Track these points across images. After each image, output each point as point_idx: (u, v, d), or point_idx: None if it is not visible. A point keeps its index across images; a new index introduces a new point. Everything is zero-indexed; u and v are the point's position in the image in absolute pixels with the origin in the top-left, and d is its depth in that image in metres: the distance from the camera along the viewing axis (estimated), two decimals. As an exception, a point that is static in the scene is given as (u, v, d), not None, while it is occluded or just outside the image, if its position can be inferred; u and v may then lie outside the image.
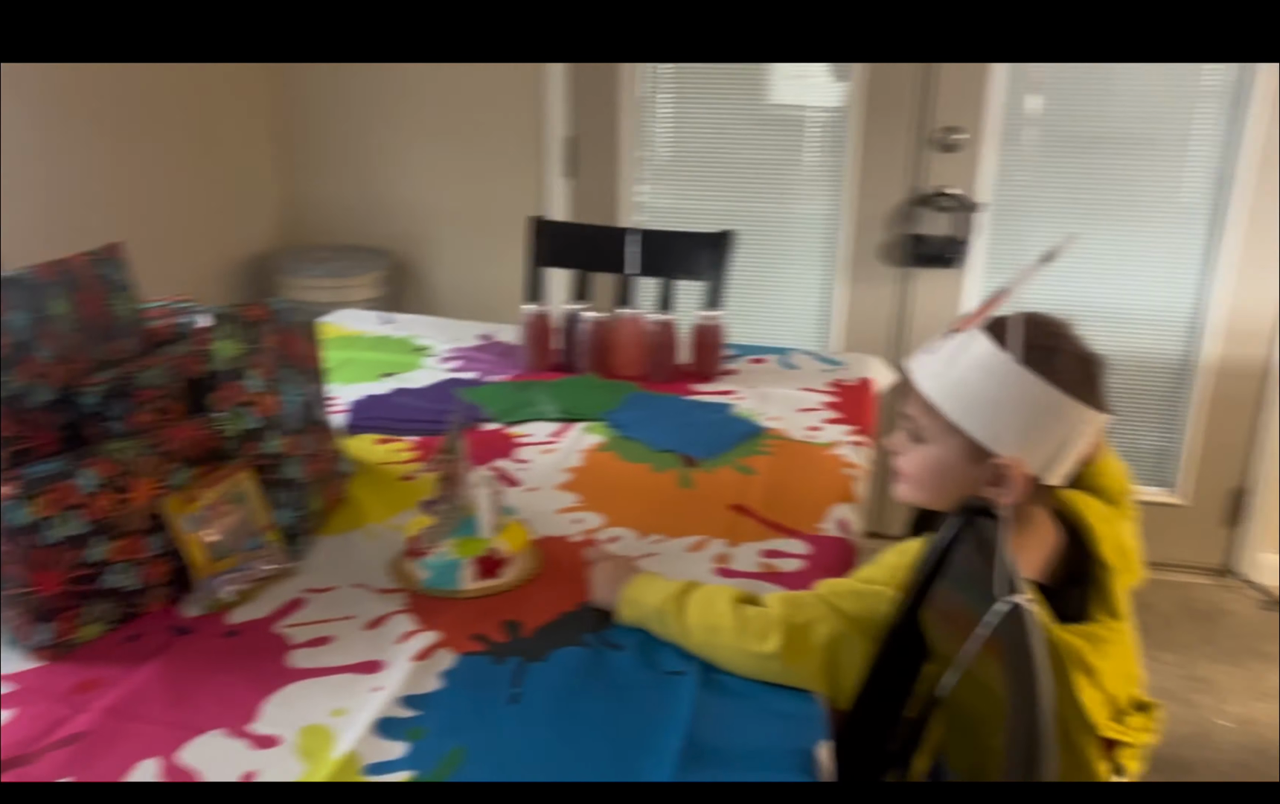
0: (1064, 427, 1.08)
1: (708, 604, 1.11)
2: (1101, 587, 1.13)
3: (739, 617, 1.08)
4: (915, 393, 1.13)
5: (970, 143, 2.82)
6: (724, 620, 1.09)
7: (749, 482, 1.53)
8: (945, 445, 1.11)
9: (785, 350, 2.12)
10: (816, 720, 1.02)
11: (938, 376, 1.10)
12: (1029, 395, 1.06)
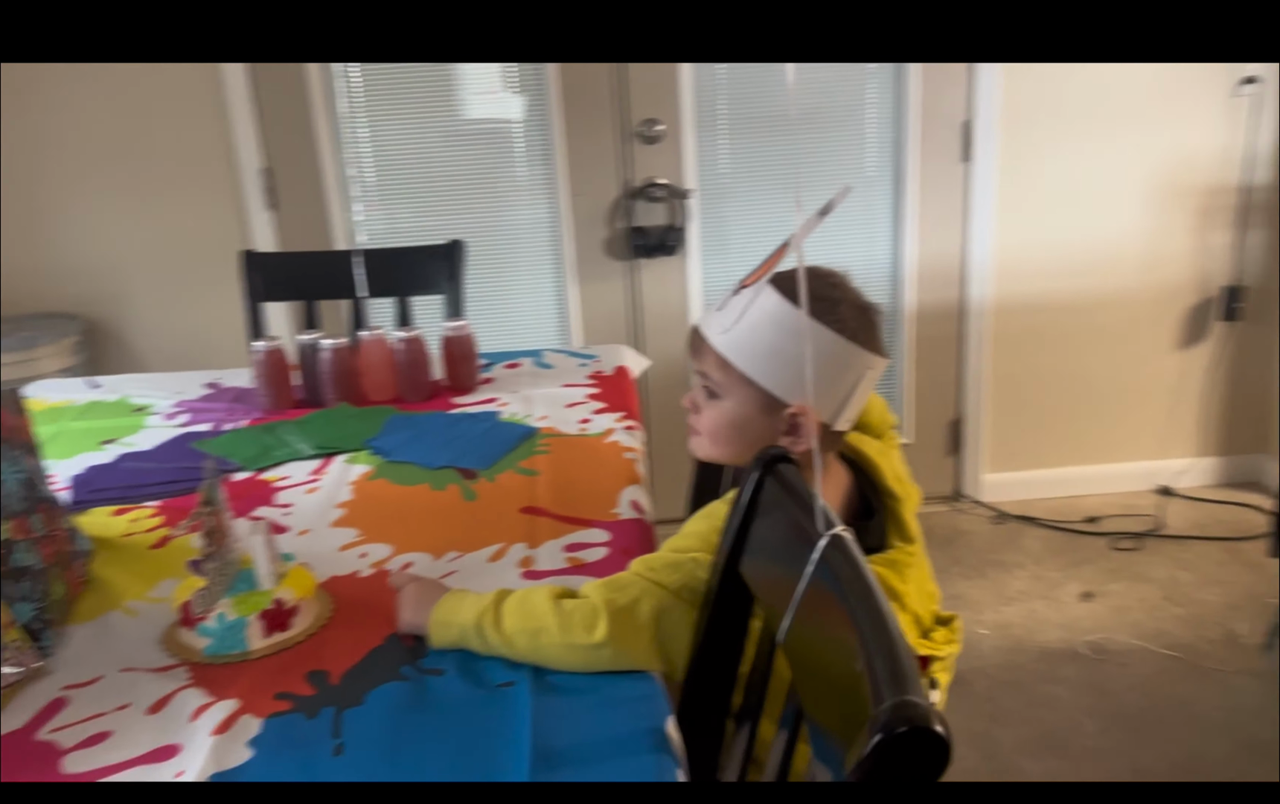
0: (851, 373, 1.12)
1: (525, 608, 1.06)
2: (894, 515, 1.18)
3: (560, 613, 1.04)
4: (708, 350, 1.14)
5: (670, 133, 2.91)
6: (546, 620, 1.04)
7: (534, 483, 1.49)
8: (739, 399, 1.13)
9: (537, 352, 2.10)
10: (658, 698, 1.00)
11: (728, 332, 1.11)
12: (817, 345, 1.09)
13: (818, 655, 0.82)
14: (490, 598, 1.08)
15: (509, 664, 1.05)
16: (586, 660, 1.03)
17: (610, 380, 1.92)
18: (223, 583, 1.11)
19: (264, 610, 1.10)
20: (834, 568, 0.81)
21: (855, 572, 0.79)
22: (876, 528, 1.17)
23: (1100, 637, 2.54)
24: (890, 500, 1.18)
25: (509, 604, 1.07)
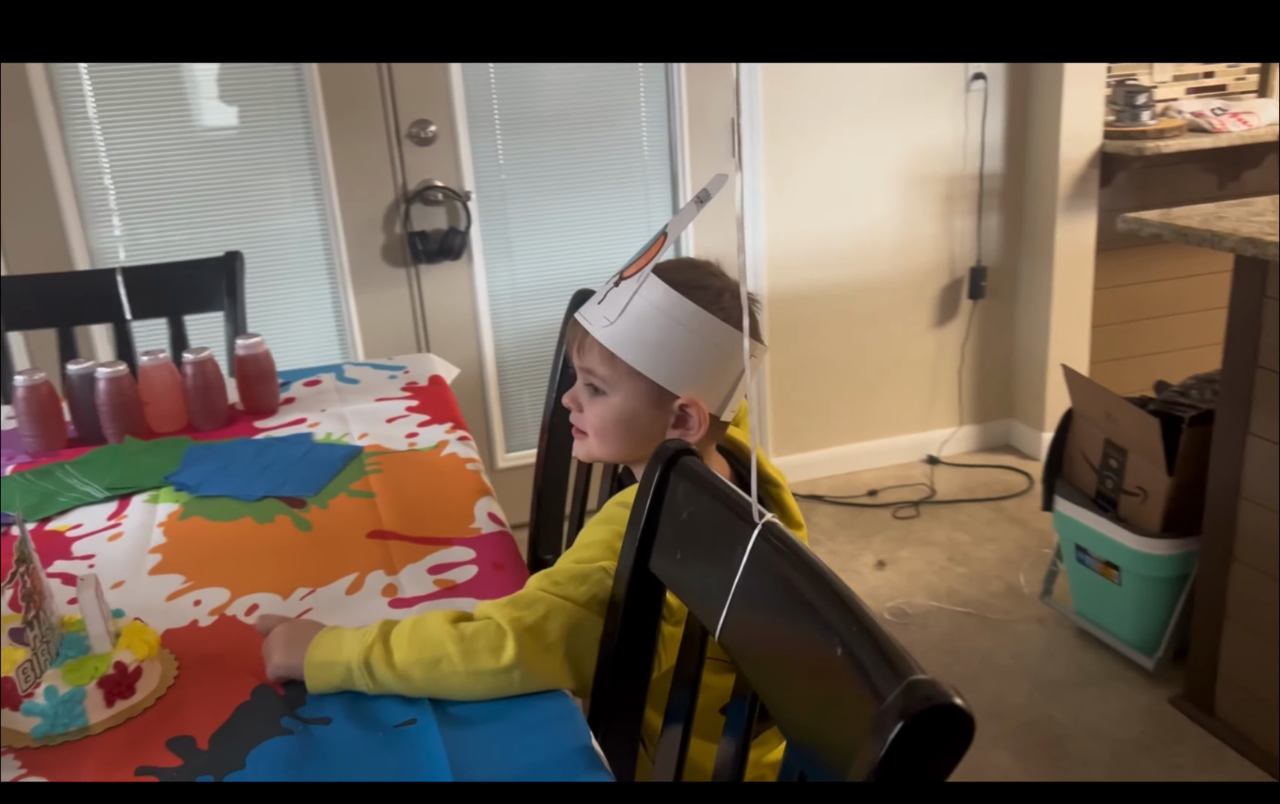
0: (736, 362, 1.08)
1: (419, 636, 0.95)
2: (777, 501, 1.17)
3: (461, 638, 0.95)
4: (591, 345, 1.08)
5: (444, 134, 2.81)
6: (445, 647, 0.94)
7: (373, 505, 1.38)
8: (626, 393, 1.08)
9: (338, 367, 1.96)
10: (575, 715, 0.93)
11: (613, 325, 1.06)
12: (704, 334, 1.06)
13: (772, 647, 0.78)
14: (374, 631, 0.97)
15: (403, 700, 0.95)
16: (494, 686, 0.94)
17: (428, 391, 1.82)
18: (47, 652, 0.94)
19: (103, 677, 0.94)
20: (774, 555, 0.78)
21: (797, 556, 0.77)
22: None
23: (900, 602, 2.67)
24: (772, 487, 1.16)
25: (398, 635, 0.96)
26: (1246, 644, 2.05)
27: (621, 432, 1.10)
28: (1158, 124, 3.25)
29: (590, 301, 1.11)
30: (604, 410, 1.10)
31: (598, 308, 1.09)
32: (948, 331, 3.46)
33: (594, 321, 1.08)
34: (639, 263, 1.08)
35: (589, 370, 1.10)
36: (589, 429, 1.12)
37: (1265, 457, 1.95)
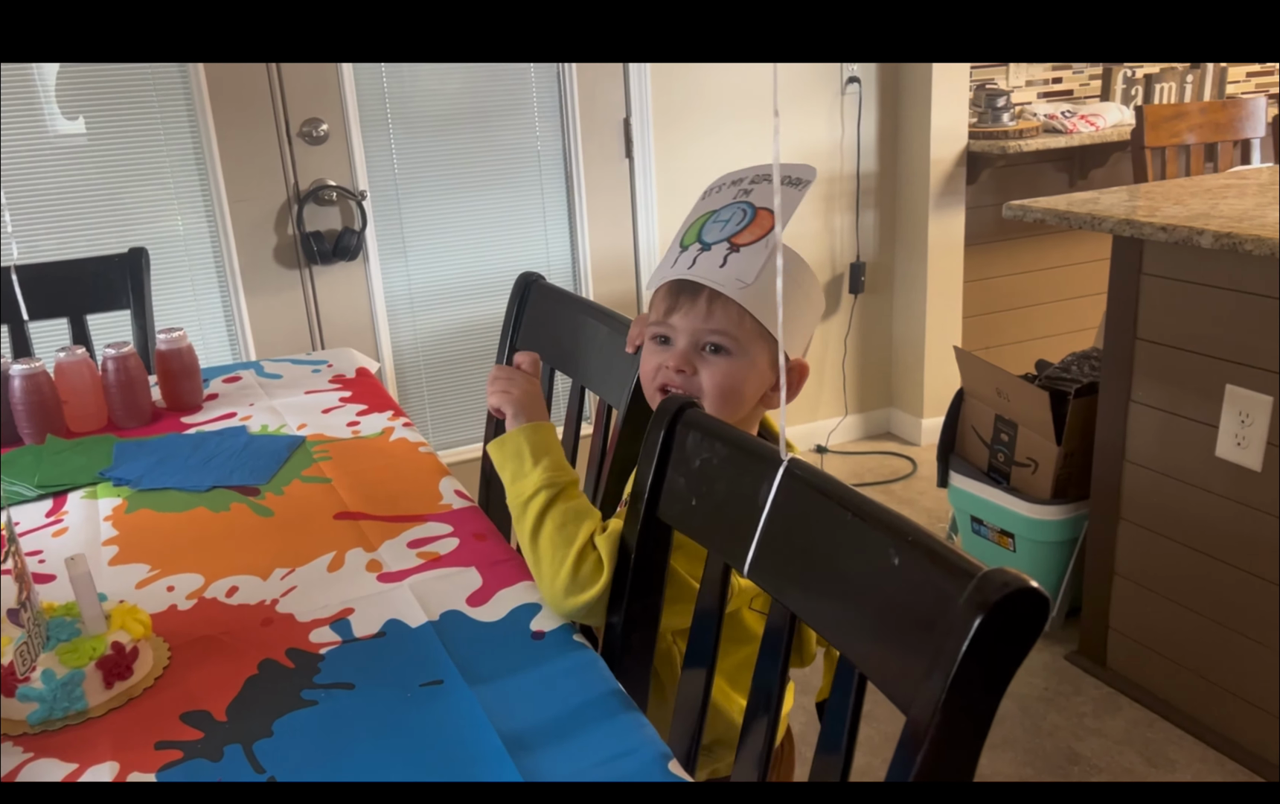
0: (818, 322, 1.17)
1: (561, 536, 1.04)
2: None
3: (575, 566, 1.02)
4: (722, 306, 1.06)
5: (336, 133, 2.76)
6: (559, 568, 1.02)
7: (332, 490, 1.35)
8: (753, 353, 1.08)
9: (257, 363, 1.90)
10: (598, 663, 0.95)
11: (748, 288, 1.04)
12: (817, 301, 1.13)
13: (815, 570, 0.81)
14: (551, 487, 1.06)
15: (431, 662, 0.95)
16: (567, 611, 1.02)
17: (357, 383, 1.79)
18: (39, 635, 0.90)
19: (102, 658, 0.90)
20: (800, 486, 0.82)
21: (832, 482, 0.81)
22: None
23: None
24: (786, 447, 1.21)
25: (555, 516, 1.05)
26: (1134, 598, 2.21)
27: (741, 391, 1.09)
28: (1017, 125, 3.46)
29: (694, 267, 1.07)
30: (728, 369, 1.08)
31: (721, 271, 1.06)
32: (831, 325, 3.59)
33: (725, 283, 1.05)
34: (750, 232, 1.07)
35: (717, 330, 1.07)
36: (706, 391, 1.08)
37: (1147, 421, 2.11)
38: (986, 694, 0.65)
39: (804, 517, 0.82)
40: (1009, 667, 0.65)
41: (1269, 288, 1.85)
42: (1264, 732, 1.98)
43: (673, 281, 1.09)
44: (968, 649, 0.64)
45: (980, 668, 0.64)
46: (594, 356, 1.42)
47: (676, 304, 1.09)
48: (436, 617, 1.03)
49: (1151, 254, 2.06)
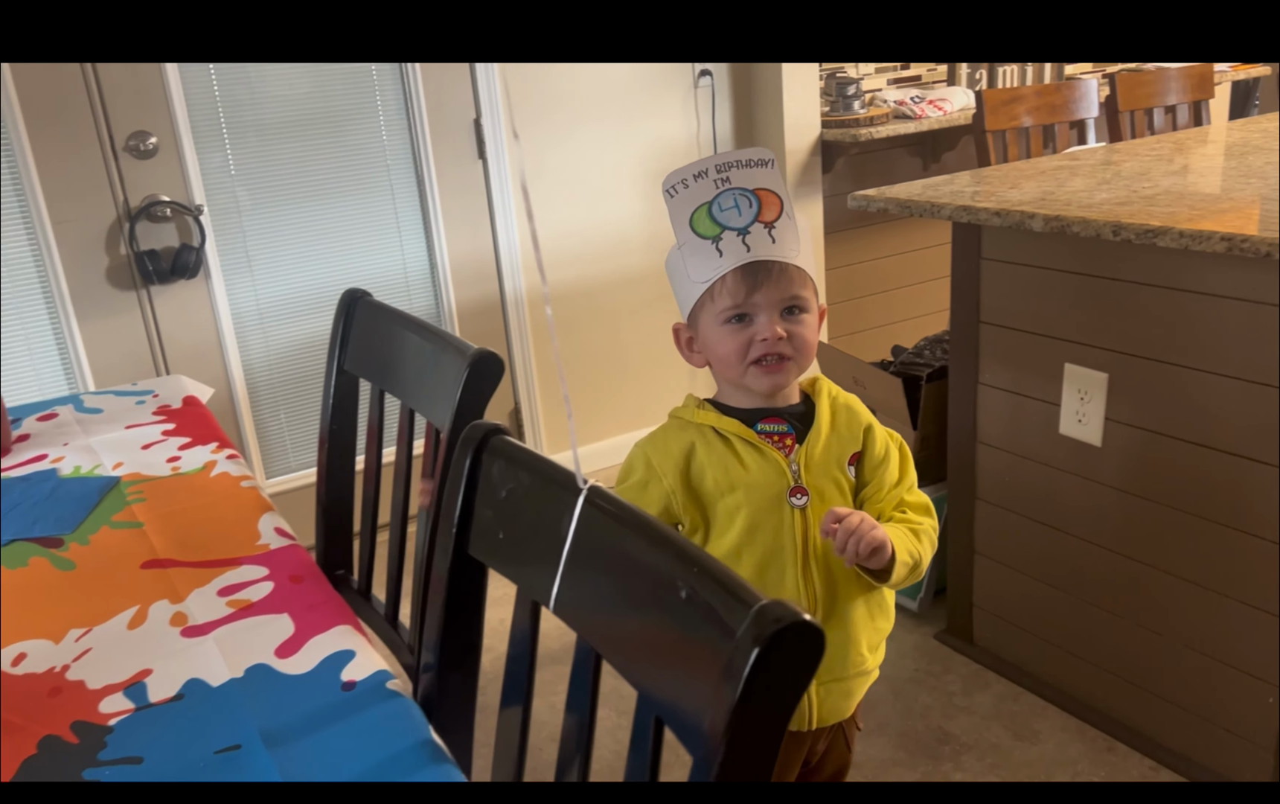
0: None
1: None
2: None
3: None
4: (794, 274, 1.17)
5: (166, 145, 2.63)
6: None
7: (142, 535, 1.27)
8: (814, 308, 1.21)
9: (75, 397, 1.79)
10: (411, 711, 0.90)
11: (802, 254, 1.18)
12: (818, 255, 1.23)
13: (613, 606, 0.78)
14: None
15: (230, 726, 0.88)
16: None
17: (183, 413, 1.69)
18: None
19: None
20: (604, 516, 0.78)
21: (628, 513, 0.77)
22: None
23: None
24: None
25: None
26: (995, 575, 2.25)
27: (815, 341, 1.22)
28: (868, 112, 3.50)
29: (754, 247, 1.16)
30: (811, 323, 1.21)
31: (775, 246, 1.17)
32: (697, 319, 3.58)
33: (790, 255, 1.17)
34: (767, 211, 1.17)
35: (796, 295, 1.18)
36: (800, 349, 1.20)
37: (995, 403, 2.15)
38: (768, 726, 0.63)
39: (603, 549, 0.78)
40: (787, 697, 0.63)
41: (1100, 268, 1.89)
42: (1118, 696, 2.04)
43: (745, 266, 1.17)
44: (744, 684, 0.61)
45: (757, 702, 0.61)
46: (419, 375, 1.36)
47: (756, 283, 1.17)
48: (241, 673, 0.97)
49: (989, 239, 2.10)
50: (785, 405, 1.25)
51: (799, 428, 1.24)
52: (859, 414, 1.27)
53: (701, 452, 1.24)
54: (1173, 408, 1.82)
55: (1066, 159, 2.57)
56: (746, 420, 1.24)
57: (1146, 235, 1.73)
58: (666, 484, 1.24)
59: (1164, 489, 1.86)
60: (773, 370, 1.20)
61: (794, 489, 1.21)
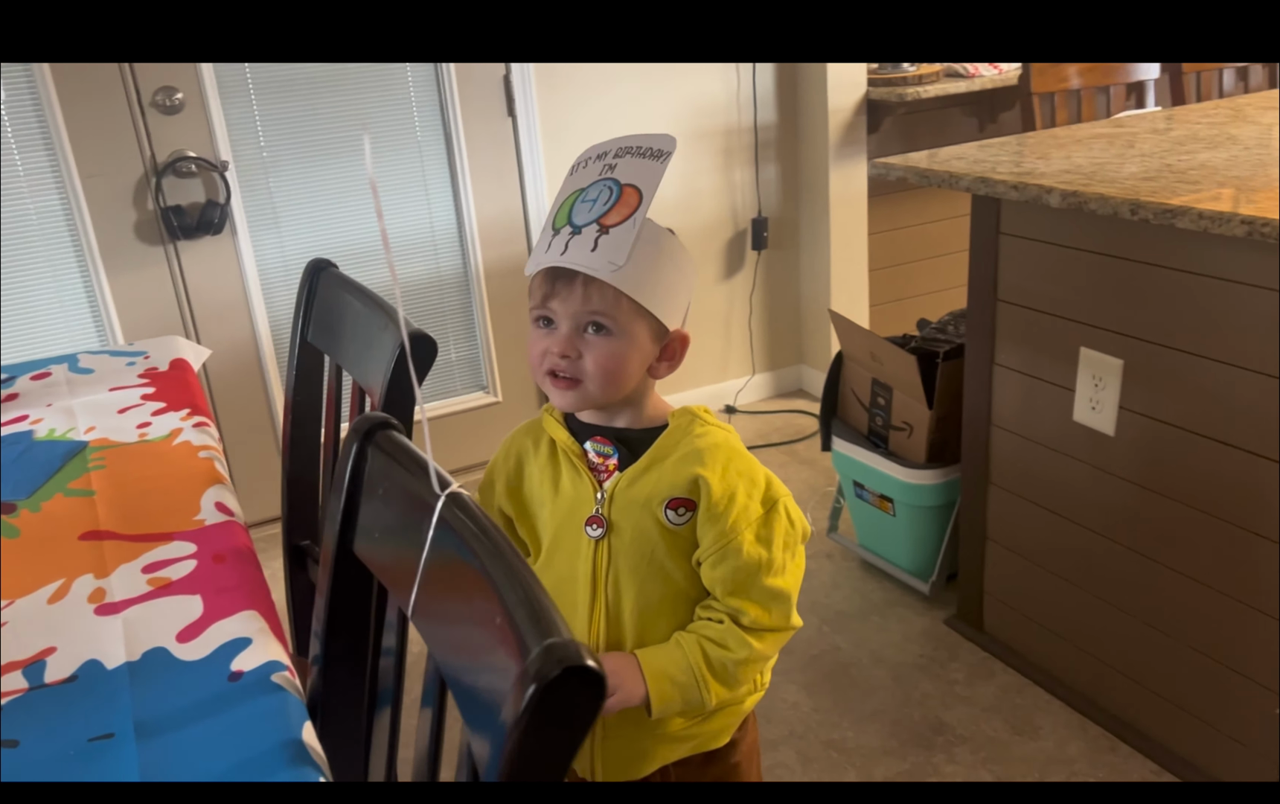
0: (692, 290, 1.18)
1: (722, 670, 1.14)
2: None
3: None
4: (598, 289, 1.07)
5: (192, 101, 2.65)
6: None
7: (90, 505, 1.27)
8: (633, 331, 1.10)
9: (72, 356, 1.81)
10: (289, 709, 0.88)
11: (621, 269, 1.05)
12: (688, 270, 1.14)
13: (454, 623, 0.75)
14: (683, 654, 1.13)
15: (108, 711, 0.88)
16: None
17: (167, 376, 1.70)
18: None
19: None
20: (455, 527, 0.75)
21: (478, 525, 0.74)
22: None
23: (691, 552, 2.70)
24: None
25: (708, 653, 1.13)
26: (1006, 562, 2.17)
27: (621, 369, 1.11)
28: (916, 70, 3.37)
29: (566, 253, 1.07)
30: (613, 349, 1.10)
31: (592, 256, 1.06)
32: (735, 283, 3.52)
33: (599, 267, 1.06)
34: (618, 212, 1.06)
35: (597, 313, 1.08)
36: (591, 372, 1.10)
37: (1010, 385, 2.06)
38: (542, 765, 0.60)
39: (451, 563, 0.76)
40: (563, 739, 0.60)
41: (1117, 247, 1.79)
42: (1124, 695, 1.96)
43: (549, 268, 1.10)
44: (520, 718, 0.58)
45: (532, 741, 0.58)
46: (363, 351, 1.35)
47: (554, 290, 1.10)
48: (138, 656, 0.96)
49: (1008, 213, 2.00)
50: (633, 428, 1.18)
51: (625, 455, 1.16)
52: (702, 461, 1.12)
53: (530, 460, 1.22)
54: (1188, 400, 1.72)
55: (1111, 125, 2.44)
56: (580, 436, 1.18)
57: (1164, 215, 1.63)
58: (498, 488, 1.24)
59: (1177, 485, 1.77)
60: (561, 387, 1.12)
61: (591, 518, 1.15)
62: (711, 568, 1.12)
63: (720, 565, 1.12)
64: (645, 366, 1.14)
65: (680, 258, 1.13)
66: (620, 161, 1.11)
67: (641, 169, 1.09)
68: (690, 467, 1.12)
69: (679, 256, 1.13)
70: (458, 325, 3.13)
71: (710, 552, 1.12)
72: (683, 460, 1.13)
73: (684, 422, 1.16)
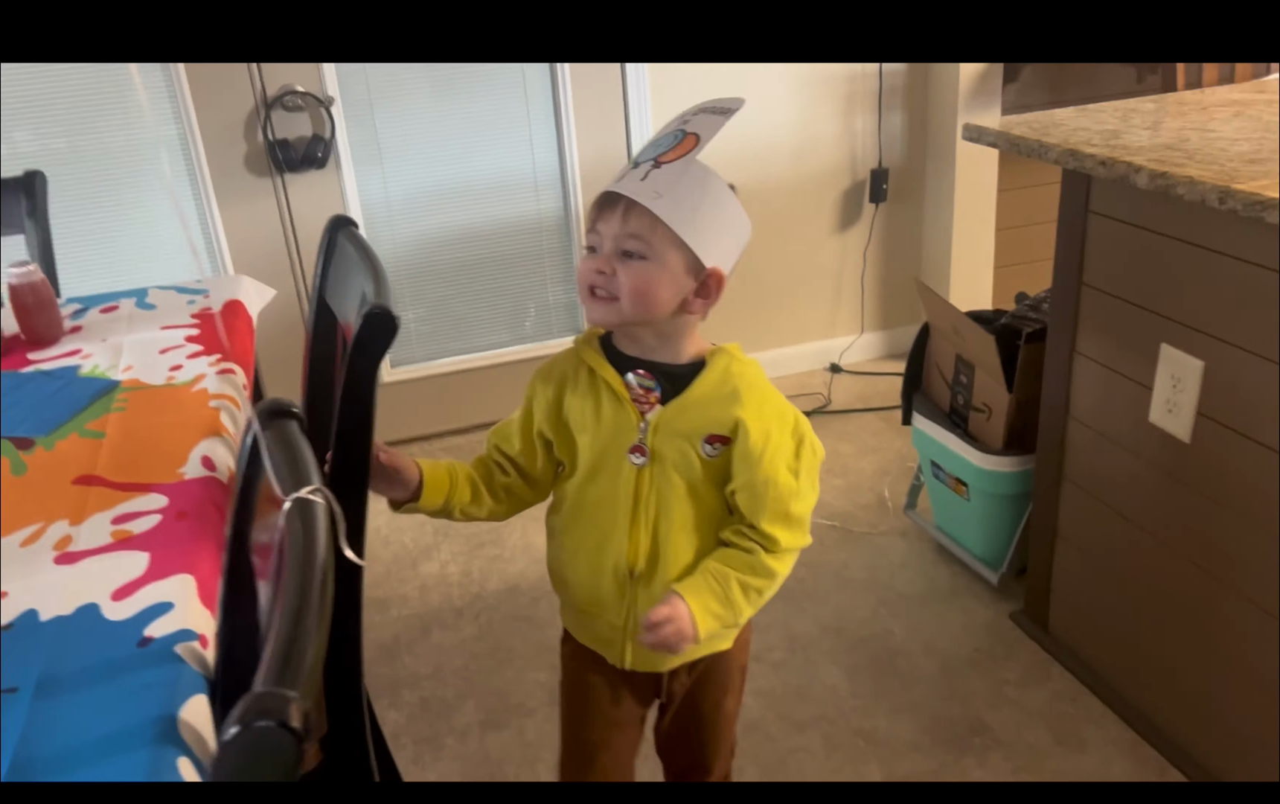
0: (744, 240, 1.22)
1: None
2: None
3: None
4: (637, 213, 1.14)
5: (314, 37, 2.71)
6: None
7: (96, 447, 1.34)
8: (667, 258, 1.15)
9: (142, 291, 1.91)
10: (181, 682, 0.91)
11: (662, 198, 1.13)
12: (736, 216, 1.19)
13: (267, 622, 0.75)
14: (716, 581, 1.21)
15: (23, 664, 0.93)
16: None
17: (212, 319, 1.77)
18: None
19: None
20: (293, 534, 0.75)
21: (308, 533, 0.74)
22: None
23: (764, 516, 2.65)
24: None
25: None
26: (1075, 561, 2.04)
27: (650, 295, 1.17)
28: (1065, 17, 3.12)
29: (622, 181, 1.16)
30: (644, 271, 1.16)
31: (641, 184, 1.14)
32: (849, 236, 3.39)
33: (642, 193, 1.14)
34: (675, 152, 1.15)
35: (633, 235, 1.15)
36: (625, 291, 1.16)
37: (1090, 376, 1.91)
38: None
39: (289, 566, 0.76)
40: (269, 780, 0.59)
41: (1206, 238, 1.62)
42: (1183, 719, 1.81)
43: (601, 194, 1.19)
44: (217, 757, 0.58)
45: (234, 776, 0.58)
46: (348, 316, 1.36)
47: (600, 214, 1.18)
48: (71, 611, 1.01)
49: (1098, 191, 1.84)
50: (668, 362, 1.23)
51: (667, 389, 1.22)
52: (740, 401, 1.20)
53: (570, 387, 1.27)
54: (1269, 412, 1.55)
55: (1252, 90, 2.20)
56: (620, 368, 1.24)
57: (1254, 207, 1.47)
58: (537, 415, 1.31)
59: (1251, 504, 1.61)
60: (597, 301, 1.19)
61: (635, 447, 1.23)
62: (748, 499, 1.22)
63: (755, 497, 1.21)
64: (679, 297, 1.18)
65: (727, 202, 1.19)
66: (693, 117, 1.19)
67: (706, 121, 1.18)
68: (729, 407, 1.20)
69: (726, 201, 1.18)
70: (555, 267, 3.14)
71: (746, 485, 1.21)
72: (722, 399, 1.20)
73: (722, 361, 1.22)
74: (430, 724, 2.04)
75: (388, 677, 2.17)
